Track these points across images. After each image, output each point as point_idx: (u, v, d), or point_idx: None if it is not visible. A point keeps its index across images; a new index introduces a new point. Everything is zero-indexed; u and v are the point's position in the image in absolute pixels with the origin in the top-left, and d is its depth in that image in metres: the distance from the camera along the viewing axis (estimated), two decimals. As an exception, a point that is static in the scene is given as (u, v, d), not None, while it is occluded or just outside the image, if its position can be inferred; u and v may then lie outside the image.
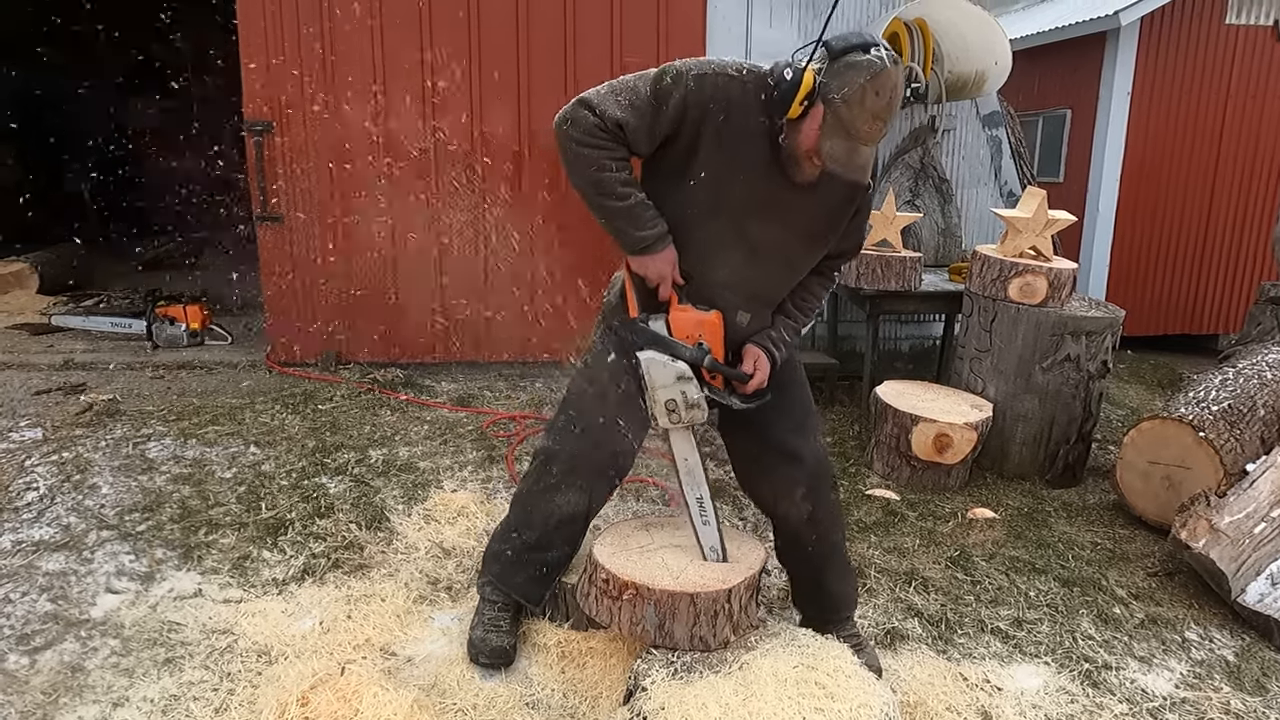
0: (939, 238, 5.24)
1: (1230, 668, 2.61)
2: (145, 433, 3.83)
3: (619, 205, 1.97)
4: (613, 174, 1.94)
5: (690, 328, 2.07)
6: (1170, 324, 6.98)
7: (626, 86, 1.93)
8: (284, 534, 2.99)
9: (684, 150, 1.97)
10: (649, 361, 2.05)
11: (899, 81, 1.81)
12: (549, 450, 2.28)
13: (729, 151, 1.95)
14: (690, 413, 2.07)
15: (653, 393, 2.07)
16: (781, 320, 2.23)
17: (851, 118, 1.79)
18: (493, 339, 4.98)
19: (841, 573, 2.43)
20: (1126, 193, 6.65)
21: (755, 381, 2.12)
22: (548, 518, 2.28)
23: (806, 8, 4.97)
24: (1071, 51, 6.83)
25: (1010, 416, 3.89)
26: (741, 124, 1.93)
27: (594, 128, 1.90)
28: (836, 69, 1.80)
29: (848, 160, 1.85)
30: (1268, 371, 3.75)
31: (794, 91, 1.84)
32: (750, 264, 2.08)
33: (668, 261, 2.04)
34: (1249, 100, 6.57)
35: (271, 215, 4.68)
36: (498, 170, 4.77)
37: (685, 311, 2.08)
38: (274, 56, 4.50)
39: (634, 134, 1.92)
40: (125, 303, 6.13)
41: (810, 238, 2.13)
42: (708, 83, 1.91)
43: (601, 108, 1.90)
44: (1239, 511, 2.98)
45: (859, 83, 1.77)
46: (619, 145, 1.93)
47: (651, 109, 1.91)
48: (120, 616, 2.48)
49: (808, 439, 2.28)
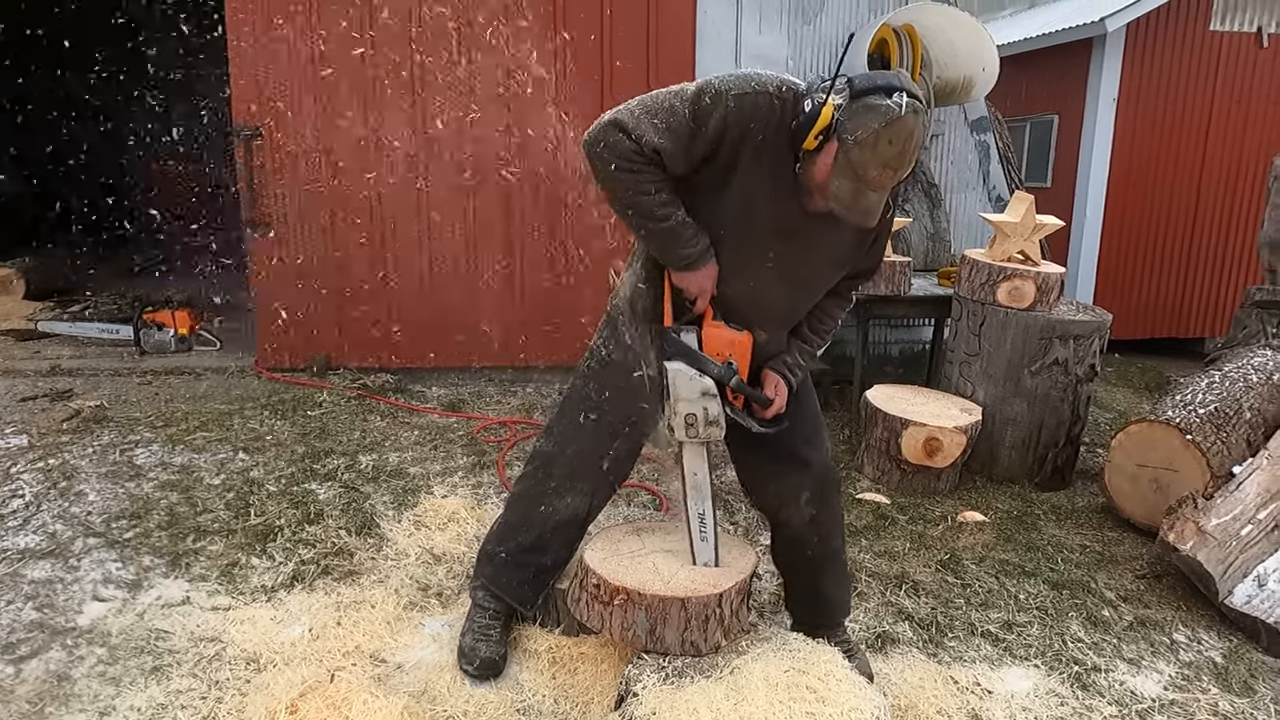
0: (928, 242, 5.27)
1: (1218, 669, 2.62)
2: (133, 439, 3.80)
3: (661, 227, 1.94)
4: (652, 197, 1.91)
5: (722, 345, 2.07)
6: (1157, 327, 7.03)
7: (662, 107, 1.87)
8: (273, 541, 2.97)
9: (722, 169, 1.93)
10: (676, 373, 2.05)
11: (915, 131, 1.74)
12: (549, 453, 2.28)
13: (764, 171, 1.92)
14: (709, 429, 2.07)
15: (675, 404, 2.07)
16: (797, 345, 2.23)
17: (862, 161, 1.75)
18: (484, 344, 4.97)
19: (839, 579, 2.43)
20: (1114, 197, 6.70)
21: (775, 407, 2.13)
22: (546, 520, 2.28)
23: (796, 14, 5.00)
24: (1058, 57, 6.89)
25: (999, 420, 3.91)
26: (775, 144, 1.89)
27: (630, 153, 1.86)
28: (855, 109, 1.75)
29: (852, 203, 1.81)
30: (1253, 375, 3.79)
31: (811, 124, 1.80)
32: (772, 284, 2.07)
33: (709, 277, 2.03)
34: (1233, 105, 6.64)
35: (261, 221, 4.66)
36: (487, 175, 4.77)
37: (718, 328, 2.08)
38: (263, 61, 4.50)
39: (671, 159, 1.88)
40: (113, 308, 6.09)
41: (828, 263, 2.11)
42: (748, 102, 1.86)
43: (638, 132, 1.85)
44: (1226, 514, 3.00)
45: (873, 128, 1.72)
46: (657, 168, 1.90)
47: (690, 131, 1.86)
48: (107, 624, 2.46)
49: (817, 447, 2.29)
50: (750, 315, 2.10)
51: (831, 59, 5.10)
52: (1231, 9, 6.50)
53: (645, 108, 1.88)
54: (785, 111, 1.87)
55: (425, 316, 4.89)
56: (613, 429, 2.21)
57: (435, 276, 4.85)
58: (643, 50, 4.74)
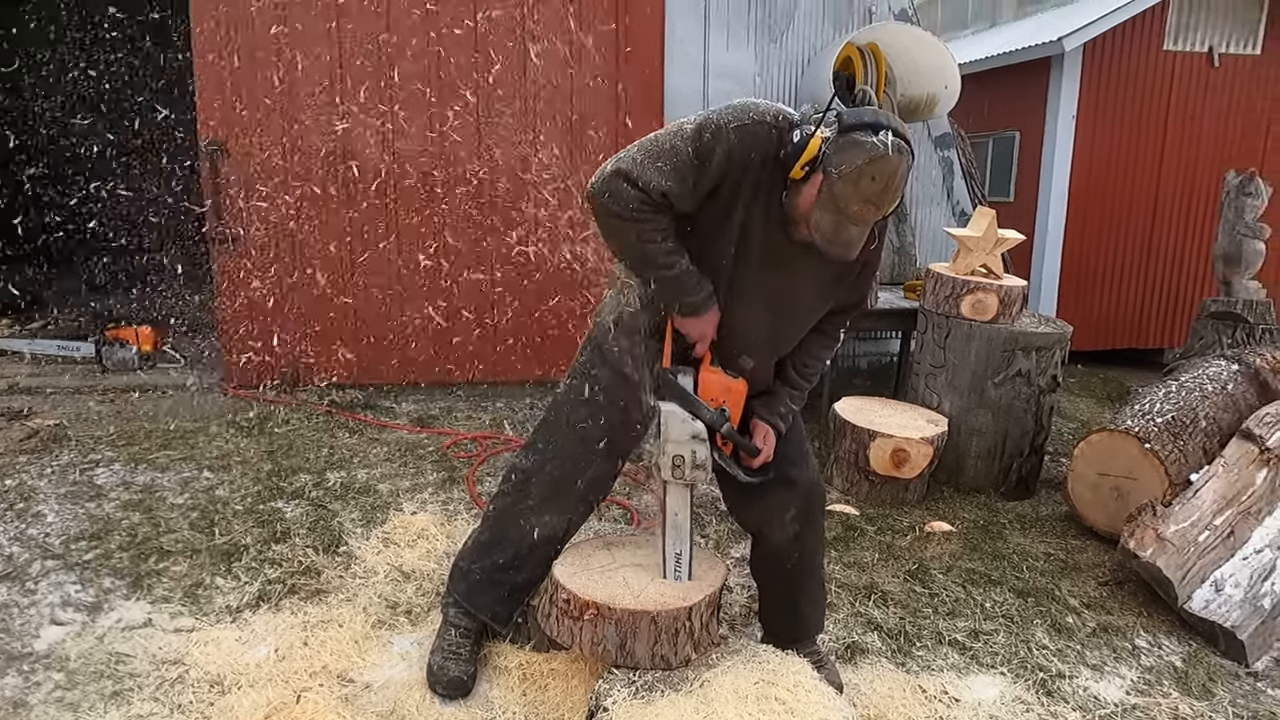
0: (894, 256, 5.34)
1: (1178, 673, 2.68)
2: (93, 458, 3.73)
3: (667, 275, 1.95)
4: (658, 245, 1.92)
5: (717, 391, 2.10)
6: (1118, 339, 7.18)
7: (664, 149, 1.87)
8: (238, 560, 2.93)
9: (725, 202, 1.95)
10: (669, 414, 2.07)
11: (898, 169, 1.77)
12: (529, 470, 2.27)
13: (761, 200, 1.94)
14: (694, 472, 2.10)
15: (664, 444, 2.09)
16: (786, 390, 2.24)
17: (845, 195, 1.77)
18: (455, 359, 4.95)
19: (815, 596, 2.45)
20: (1074, 212, 6.85)
21: (762, 457, 2.15)
22: (522, 539, 2.28)
23: (763, 32, 5.07)
24: (1019, 76, 7.04)
25: (965, 431, 3.97)
26: (771, 173, 1.92)
27: (636, 200, 1.86)
28: (842, 143, 1.78)
29: (833, 235, 1.83)
30: (1209, 384, 3.88)
31: (798, 154, 1.83)
32: (764, 312, 2.08)
33: (710, 322, 2.04)
34: (1187, 123, 6.82)
35: (226, 235, 4.61)
36: (457, 189, 4.77)
37: (715, 374, 2.10)
38: (229, 74, 4.46)
39: (679, 199, 1.89)
40: (73, 325, 5.97)
41: (815, 292, 2.12)
42: (748, 133, 1.87)
43: (644, 178, 1.85)
44: (1184, 520, 3.07)
45: (857, 163, 1.75)
46: (663, 215, 1.90)
47: (695, 169, 1.87)
48: (65, 649, 2.40)
49: (804, 467, 2.30)
50: (741, 342, 2.11)
51: (798, 76, 5.18)
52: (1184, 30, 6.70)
53: (647, 152, 1.88)
54: (782, 141, 1.89)
55: (395, 331, 4.86)
56: (593, 449, 2.21)
57: (405, 291, 4.82)
58: (613, 66, 4.78)
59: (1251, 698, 2.58)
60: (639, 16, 4.78)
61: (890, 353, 5.58)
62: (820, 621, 2.50)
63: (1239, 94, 6.85)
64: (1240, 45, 6.78)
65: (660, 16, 4.83)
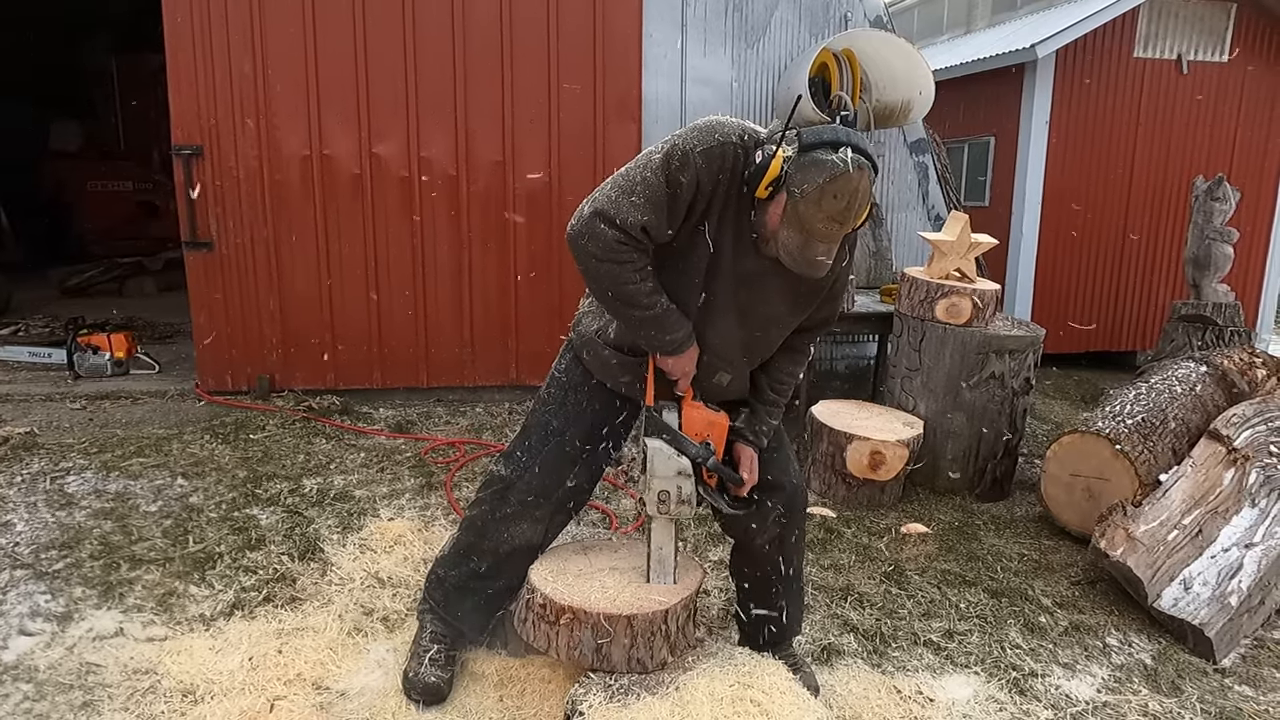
0: (870, 260, 5.39)
1: (1148, 671, 2.71)
2: (64, 466, 3.68)
3: (648, 314, 1.94)
4: (638, 285, 1.91)
5: (700, 426, 2.11)
6: (1091, 341, 7.27)
7: (636, 183, 1.87)
8: (212, 568, 2.91)
9: (695, 223, 1.95)
10: (655, 451, 2.09)
11: (861, 186, 1.76)
12: (507, 479, 2.27)
13: (730, 217, 1.95)
14: (680, 507, 2.12)
15: (650, 479, 2.11)
16: (763, 409, 2.24)
17: (808, 214, 1.77)
18: (432, 364, 4.93)
19: (795, 599, 2.46)
20: (1048, 216, 6.93)
21: (748, 485, 2.17)
22: (499, 547, 2.28)
23: (740, 38, 5.11)
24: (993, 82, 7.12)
25: (940, 433, 4.01)
26: (740, 191, 1.92)
27: (615, 242, 1.86)
28: (802, 162, 1.77)
29: (799, 253, 1.83)
30: (1177, 386, 3.95)
31: (761, 174, 1.83)
32: (737, 327, 2.08)
33: (691, 359, 2.04)
34: (1157, 128, 6.94)
35: (201, 241, 4.57)
36: (435, 193, 4.76)
37: (698, 409, 2.12)
38: (203, 78, 4.43)
39: (657, 231, 1.89)
40: (45, 331, 5.89)
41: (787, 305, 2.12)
42: (715, 155, 1.87)
43: (621, 217, 1.85)
44: (1153, 520, 3.12)
45: (818, 182, 1.75)
46: (643, 253, 1.90)
47: (668, 198, 1.87)
48: (34, 659, 2.37)
49: (789, 470, 2.32)
50: (717, 357, 2.11)
51: (774, 82, 5.21)
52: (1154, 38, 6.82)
53: (620, 189, 1.88)
54: (749, 156, 1.89)
55: (372, 336, 4.83)
56: (572, 457, 2.22)
57: (382, 296, 4.80)
58: (589, 73, 4.79)
59: (1219, 694, 2.62)
60: (616, 23, 4.80)
61: (867, 356, 5.63)
62: (798, 624, 2.51)
63: (1207, 101, 6.98)
64: (1208, 53, 6.91)
65: (638, 23, 4.85)
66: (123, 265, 7.90)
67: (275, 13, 4.43)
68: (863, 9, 5.22)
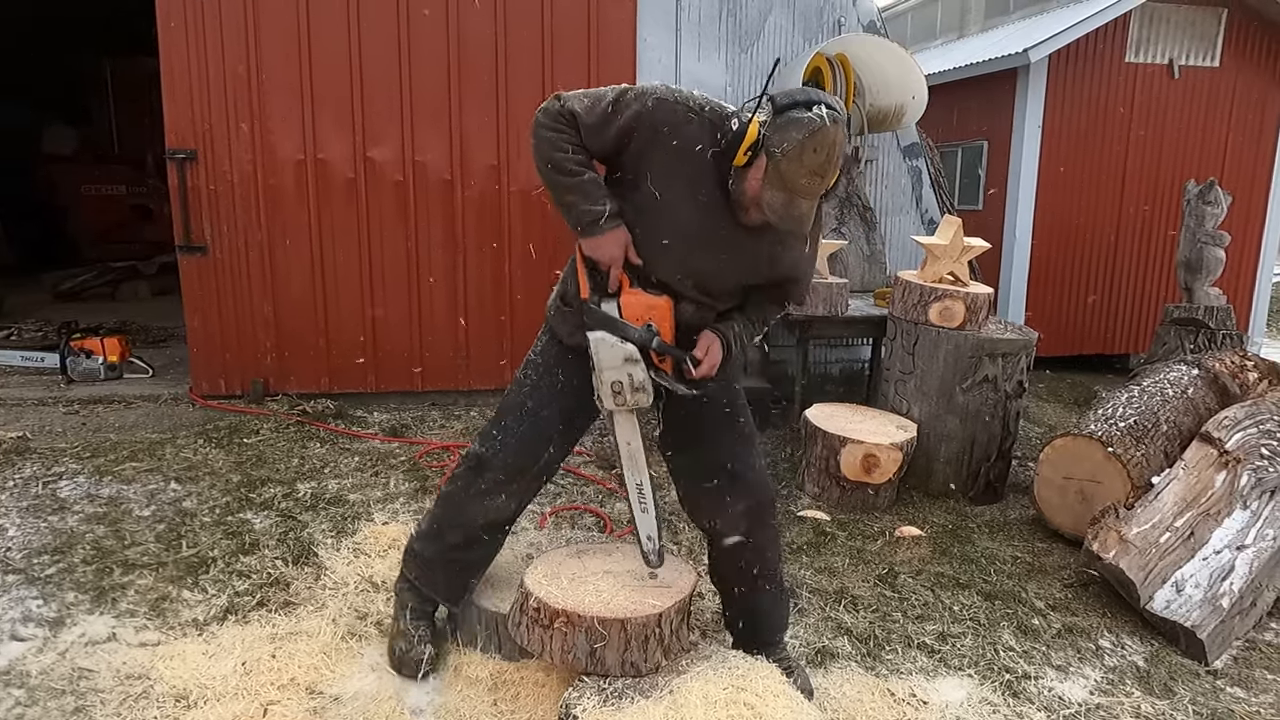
0: (864, 264, 5.40)
1: (1141, 673, 2.72)
2: (57, 471, 3.67)
3: (571, 180, 2.03)
4: (568, 154, 2.03)
5: (640, 310, 2.10)
6: (1085, 344, 7.30)
7: (596, 91, 2.06)
8: (205, 572, 2.90)
9: (635, 162, 2.05)
10: (598, 342, 2.08)
11: (838, 139, 1.85)
12: (481, 455, 2.33)
13: (679, 178, 2.02)
14: (635, 395, 2.10)
15: (600, 373, 2.10)
16: (741, 318, 2.26)
17: (790, 172, 1.85)
18: (426, 368, 4.93)
19: (774, 596, 2.46)
20: (1041, 220, 6.97)
21: (705, 366, 2.14)
22: (474, 520, 2.35)
23: (734, 43, 5.12)
24: (987, 86, 7.16)
25: (934, 436, 4.02)
26: (691, 156, 2.00)
27: (556, 114, 2.03)
28: (779, 124, 1.86)
29: (785, 211, 1.90)
30: (1169, 389, 3.96)
31: (739, 141, 1.92)
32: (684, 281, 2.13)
33: (618, 243, 2.07)
34: (1149, 133, 6.97)
35: (195, 245, 4.57)
36: (429, 197, 4.76)
37: (636, 295, 2.11)
38: (197, 81, 4.43)
39: (585, 129, 2.02)
40: (38, 335, 5.88)
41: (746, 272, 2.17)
42: (664, 108, 1.99)
43: (567, 101, 2.04)
44: (1145, 522, 3.13)
45: (798, 139, 1.83)
46: (575, 131, 2.03)
47: (605, 113, 2.01)
48: (26, 665, 2.37)
49: (750, 462, 2.33)
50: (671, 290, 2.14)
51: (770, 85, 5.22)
52: (1146, 42, 6.86)
53: (582, 91, 2.08)
54: (703, 128, 1.99)
55: (366, 340, 4.83)
56: (547, 435, 2.29)
57: (376, 299, 4.80)
58: (584, 77, 4.79)
59: (1211, 696, 2.63)
60: (611, 27, 4.81)
61: (862, 359, 5.64)
62: (783, 622, 2.51)
63: (1199, 105, 7.02)
64: (1200, 58, 6.95)
65: (632, 27, 4.86)
66: (116, 269, 7.88)
67: (269, 16, 4.44)
68: (856, 14, 5.24)
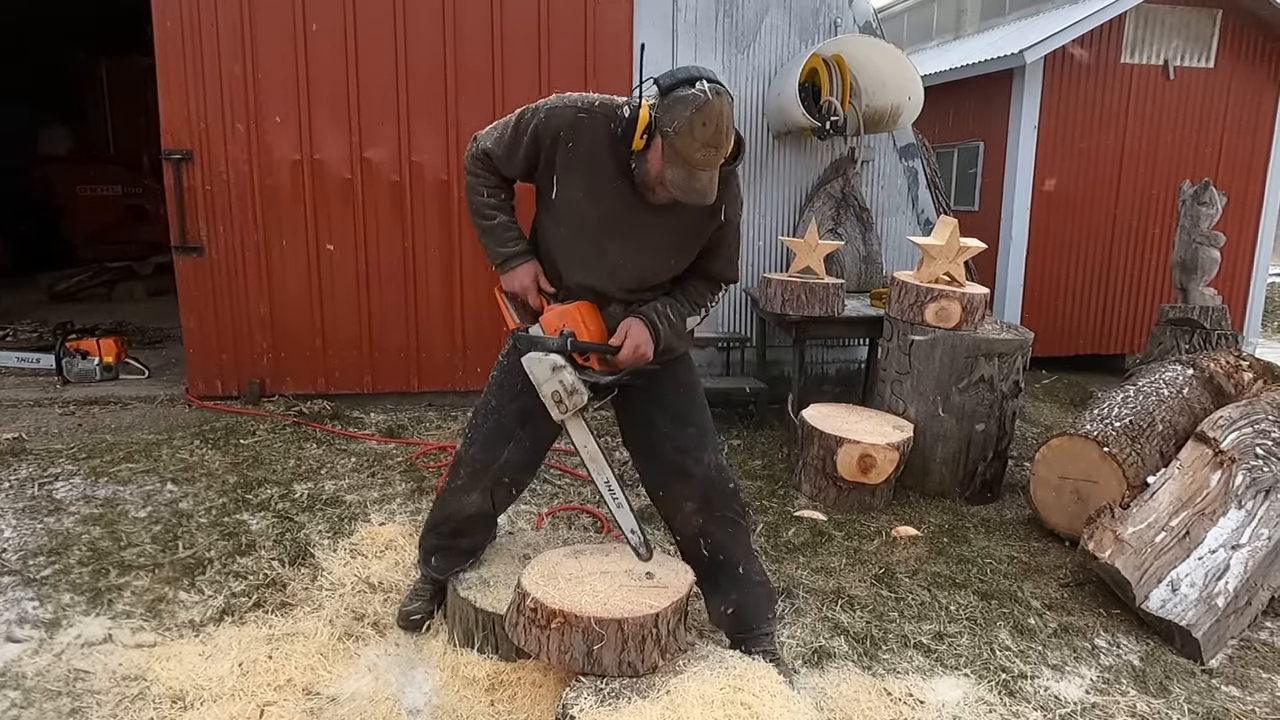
0: (860, 264, 5.41)
1: (1136, 672, 2.73)
2: (53, 472, 3.67)
3: (485, 224, 2.28)
4: (483, 198, 2.27)
5: (555, 320, 2.26)
6: (1081, 345, 7.31)
7: (502, 122, 2.24)
8: (202, 573, 2.90)
9: (545, 174, 2.19)
10: (529, 362, 2.23)
11: (723, 111, 1.92)
12: (459, 454, 2.51)
13: (581, 177, 2.15)
14: (573, 399, 2.21)
15: (540, 389, 2.23)
16: (667, 299, 2.31)
17: (684, 147, 1.93)
18: (423, 368, 4.93)
19: (746, 589, 2.48)
20: (1037, 221, 6.98)
21: (627, 349, 2.22)
22: (458, 514, 2.52)
23: (730, 44, 5.13)
24: (982, 87, 7.17)
25: (930, 436, 4.03)
26: (589, 153, 2.12)
27: (473, 157, 2.27)
28: (667, 103, 1.94)
29: (687, 185, 1.98)
30: (1164, 389, 3.97)
31: (633, 126, 2.03)
32: (608, 280, 2.25)
33: (527, 275, 2.28)
34: (1144, 133, 6.99)
35: (191, 245, 4.56)
36: (426, 197, 4.76)
37: (549, 310, 2.28)
38: (193, 81, 4.42)
39: (500, 161, 2.23)
40: (33, 336, 5.86)
41: (666, 254, 2.26)
42: (556, 115, 2.14)
43: (481, 142, 2.25)
44: (1141, 522, 3.14)
45: (686, 115, 1.90)
46: (491, 173, 2.25)
47: (512, 138, 2.19)
48: (21, 666, 2.36)
49: (699, 457, 2.37)
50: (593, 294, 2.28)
51: (764, 87, 5.24)
52: (1141, 43, 6.88)
53: (494, 124, 2.26)
54: (595, 124, 2.11)
55: (362, 341, 4.83)
56: (506, 432, 2.40)
57: (373, 300, 4.80)
58: (581, 77, 4.80)
59: (1206, 694, 2.64)
60: (607, 28, 4.81)
61: (858, 359, 5.65)
62: (759, 613, 2.51)
63: (1193, 106, 7.04)
64: (1194, 59, 6.97)
65: (628, 28, 4.87)
66: (112, 270, 7.87)
67: (265, 16, 4.43)
68: (852, 15, 5.25)
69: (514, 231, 2.28)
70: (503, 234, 2.26)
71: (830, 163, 5.39)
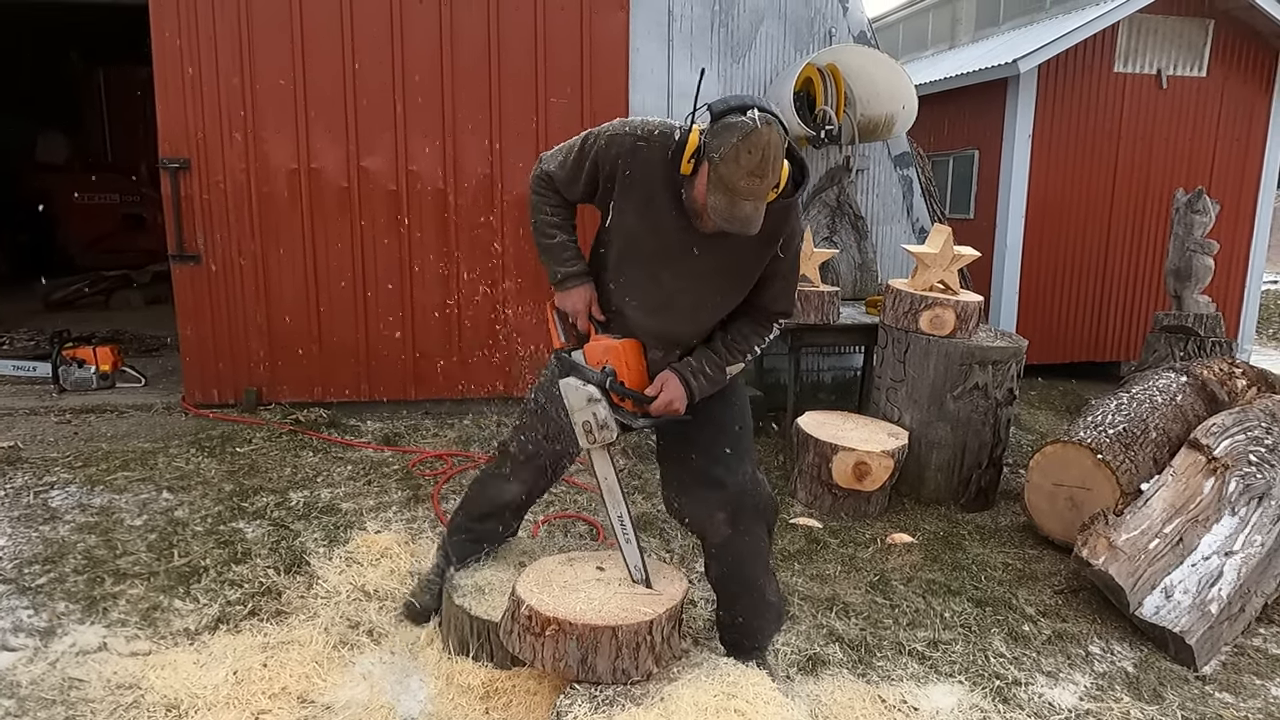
0: (856, 272, 5.43)
1: (1130, 678, 2.74)
2: (48, 480, 3.67)
3: (546, 243, 2.30)
4: (546, 217, 2.29)
5: (598, 355, 2.26)
6: (1076, 352, 7.33)
7: (566, 146, 2.25)
8: (197, 582, 2.90)
9: (604, 200, 2.20)
10: (566, 387, 2.23)
11: (772, 140, 1.90)
12: (506, 447, 2.58)
13: (637, 205, 2.14)
14: (602, 433, 2.22)
15: (572, 415, 2.24)
16: (703, 351, 2.30)
17: (728, 174, 1.91)
18: (420, 376, 4.94)
19: (758, 606, 2.46)
20: (1032, 229, 7.01)
21: (660, 402, 2.23)
22: (495, 500, 2.62)
23: (726, 53, 5.16)
24: (977, 96, 7.21)
25: (925, 444, 4.04)
26: (646, 180, 2.11)
27: (536, 179, 2.29)
28: (716, 129, 1.94)
29: (729, 213, 1.95)
30: (1158, 396, 3.99)
31: (681, 151, 2.03)
32: (661, 309, 2.23)
33: (582, 299, 2.28)
34: (1138, 142, 7.03)
35: (188, 254, 4.57)
36: (423, 206, 4.77)
37: (598, 341, 2.27)
38: (191, 90, 4.44)
39: (562, 184, 2.25)
40: (29, 344, 5.86)
41: (720, 285, 2.23)
42: (615, 143, 2.14)
43: (545, 165, 2.27)
44: (1135, 529, 3.15)
45: (733, 142, 1.90)
46: (555, 193, 2.27)
47: (575, 162, 2.21)
48: (16, 675, 2.36)
49: (732, 470, 2.34)
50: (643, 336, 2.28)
51: (761, 95, 5.26)
52: (1133, 53, 6.92)
53: (559, 147, 2.27)
54: (652, 150, 2.10)
55: (359, 349, 4.83)
56: (549, 436, 2.46)
57: (370, 308, 4.81)
58: (577, 87, 4.82)
59: (1200, 701, 2.65)
60: (603, 37, 4.84)
61: (854, 367, 5.66)
62: (765, 632, 2.52)
63: (1186, 114, 7.08)
64: (1187, 68, 7.01)
65: (624, 38, 4.89)
66: (109, 278, 7.86)
67: (263, 26, 4.45)
68: (847, 24, 5.28)
69: (573, 251, 2.29)
70: (562, 253, 2.28)
71: (825, 171, 5.42)
